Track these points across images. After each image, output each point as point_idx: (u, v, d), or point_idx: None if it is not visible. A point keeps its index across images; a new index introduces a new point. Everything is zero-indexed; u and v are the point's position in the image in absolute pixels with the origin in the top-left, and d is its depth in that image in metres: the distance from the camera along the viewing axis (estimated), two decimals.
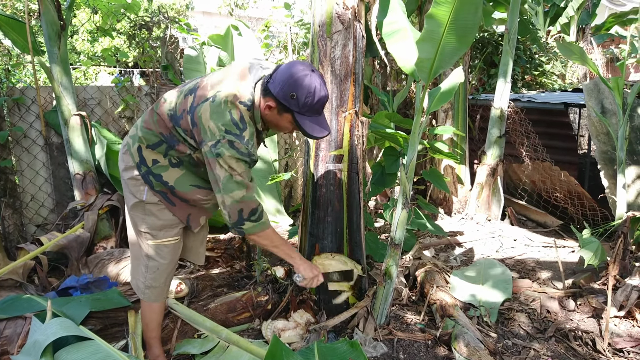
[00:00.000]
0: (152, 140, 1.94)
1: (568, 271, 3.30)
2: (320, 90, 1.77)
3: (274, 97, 1.77)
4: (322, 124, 1.86)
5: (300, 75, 1.74)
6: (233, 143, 1.76)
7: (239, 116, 1.78)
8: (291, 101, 1.76)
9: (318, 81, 1.77)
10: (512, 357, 2.32)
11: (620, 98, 3.39)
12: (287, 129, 1.91)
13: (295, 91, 1.74)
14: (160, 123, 1.93)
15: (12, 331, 2.10)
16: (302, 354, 1.89)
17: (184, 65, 4.44)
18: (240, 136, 1.78)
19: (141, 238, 2.04)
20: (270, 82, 1.78)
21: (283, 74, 1.77)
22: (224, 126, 1.76)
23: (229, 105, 1.78)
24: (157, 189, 1.96)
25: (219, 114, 1.77)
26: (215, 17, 16.80)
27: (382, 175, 3.25)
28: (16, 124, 3.70)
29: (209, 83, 1.87)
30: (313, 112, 1.80)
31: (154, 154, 1.95)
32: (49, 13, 3.47)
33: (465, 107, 5.02)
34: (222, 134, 1.76)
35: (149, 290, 2.07)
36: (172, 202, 2.00)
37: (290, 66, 1.78)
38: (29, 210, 3.82)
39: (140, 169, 1.96)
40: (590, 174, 4.79)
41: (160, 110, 1.93)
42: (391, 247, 2.43)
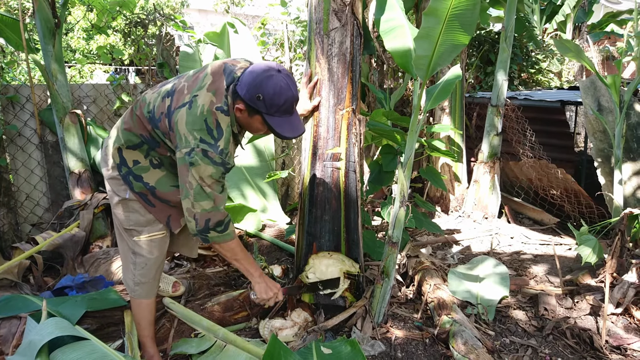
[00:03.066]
0: (132, 141, 1.93)
1: (565, 269, 3.30)
2: (287, 90, 1.75)
3: (242, 99, 1.77)
4: (294, 123, 1.85)
5: (265, 76, 1.73)
6: (207, 152, 1.74)
7: (215, 124, 1.77)
8: (258, 102, 1.75)
9: (284, 81, 1.75)
10: (509, 355, 2.32)
11: (617, 96, 3.40)
12: (260, 130, 1.89)
13: (261, 92, 1.73)
14: (139, 124, 1.91)
15: (7, 331, 2.09)
16: (301, 354, 1.88)
17: (179, 62, 4.41)
18: (214, 145, 1.76)
19: (127, 235, 2.04)
20: (238, 84, 1.77)
21: (248, 75, 1.76)
22: (198, 134, 1.74)
23: (205, 113, 1.76)
24: (137, 190, 1.96)
25: (195, 122, 1.76)
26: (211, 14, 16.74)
27: (379, 174, 3.24)
28: (10, 122, 3.67)
29: (185, 85, 1.85)
30: (282, 112, 1.79)
31: (134, 155, 1.95)
32: (43, 10, 3.44)
33: (462, 105, 5.01)
34: (196, 143, 1.74)
35: (138, 287, 2.08)
36: (152, 204, 1.99)
37: (255, 68, 1.77)
38: (23, 209, 3.79)
39: (121, 169, 1.96)
40: (587, 171, 4.80)
41: (139, 112, 1.92)
42: (389, 246, 2.42)
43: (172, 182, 1.98)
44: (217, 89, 1.80)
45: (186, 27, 5.10)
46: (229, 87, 1.81)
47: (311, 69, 2.52)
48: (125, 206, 1.99)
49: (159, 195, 1.98)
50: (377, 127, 3.07)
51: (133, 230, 2.01)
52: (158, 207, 2.00)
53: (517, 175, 4.85)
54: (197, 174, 1.76)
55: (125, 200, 1.98)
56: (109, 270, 3.03)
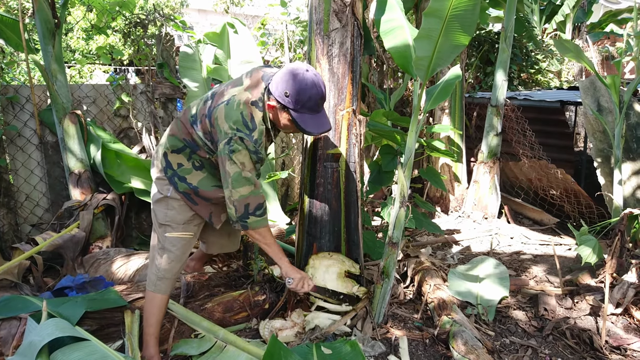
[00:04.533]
0: (176, 145, 2.10)
1: (565, 269, 3.30)
2: (312, 88, 1.88)
3: (273, 96, 1.92)
4: (320, 121, 1.96)
5: (294, 74, 1.87)
6: (243, 140, 1.89)
7: (250, 117, 1.93)
8: (286, 99, 1.89)
9: (310, 79, 1.88)
10: (509, 355, 2.32)
11: (617, 96, 3.40)
12: (289, 127, 2.02)
13: (288, 89, 1.87)
14: (182, 129, 2.09)
15: (6, 332, 2.08)
16: (301, 354, 1.88)
17: (179, 63, 4.41)
18: (249, 135, 1.91)
19: (161, 230, 2.17)
20: (271, 82, 1.93)
21: (280, 74, 1.90)
22: (235, 124, 1.90)
23: (241, 107, 1.93)
24: (181, 190, 2.11)
25: (232, 115, 1.92)
26: (210, 14, 16.74)
27: (379, 174, 3.24)
28: (10, 123, 3.66)
29: (225, 89, 2.04)
30: (308, 109, 1.91)
31: (178, 158, 2.11)
32: (43, 11, 3.44)
33: (462, 105, 5.01)
34: (233, 132, 1.90)
35: (160, 281, 2.18)
36: (195, 202, 2.14)
37: (288, 66, 1.91)
38: (23, 209, 3.79)
39: (167, 172, 2.12)
40: (587, 171, 4.80)
41: (183, 118, 2.11)
42: (389, 246, 2.42)
43: (213, 183, 2.14)
44: (253, 89, 1.98)
45: (186, 28, 5.10)
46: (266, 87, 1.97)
47: None
48: (166, 203, 2.14)
49: (201, 194, 2.13)
50: (377, 127, 3.07)
51: (167, 225, 2.15)
52: (201, 205, 2.16)
53: (517, 176, 4.86)
54: (237, 160, 1.90)
55: (166, 197, 2.13)
56: (109, 270, 3.02)
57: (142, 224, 4.03)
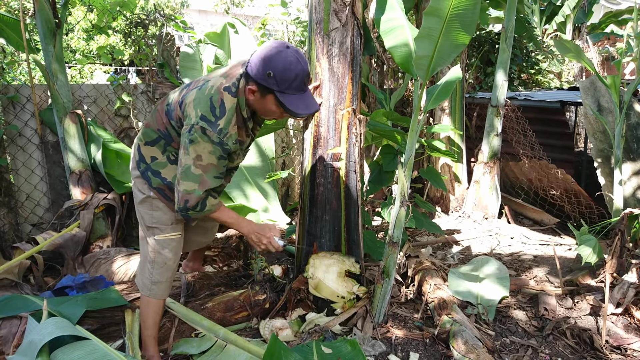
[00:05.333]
0: (150, 136, 1.99)
1: (565, 269, 3.30)
2: (297, 64, 1.75)
3: (253, 79, 1.77)
4: (308, 101, 1.83)
5: (274, 52, 1.73)
6: (205, 130, 1.76)
7: (219, 102, 1.80)
8: (269, 80, 1.74)
9: (293, 56, 1.74)
10: (510, 355, 2.32)
11: (617, 96, 3.40)
12: (274, 113, 1.88)
13: (271, 69, 1.72)
14: (158, 119, 1.97)
15: (7, 331, 2.08)
16: (301, 353, 1.88)
17: (180, 63, 4.42)
18: (213, 123, 1.77)
19: (149, 233, 2.07)
20: (248, 65, 1.78)
21: (258, 54, 1.76)
22: (200, 111, 1.78)
23: (212, 92, 1.80)
24: (155, 185, 2.00)
25: (200, 99, 1.80)
26: (211, 15, 16.75)
27: (379, 174, 3.24)
28: (11, 123, 3.67)
29: (203, 76, 1.95)
30: (294, 89, 1.78)
31: (152, 151, 1.99)
32: (44, 11, 3.44)
33: (463, 105, 5.02)
34: (196, 120, 1.77)
35: (155, 286, 2.11)
36: (170, 198, 2.02)
37: (264, 46, 1.78)
38: (24, 209, 3.79)
39: (140, 166, 2.01)
40: (587, 172, 4.80)
41: (160, 107, 1.99)
42: (389, 246, 2.42)
43: None
44: (229, 75, 1.87)
45: (186, 28, 5.11)
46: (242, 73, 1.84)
47: (312, 69, 2.52)
48: (150, 204, 2.03)
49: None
50: (377, 127, 3.07)
51: (155, 228, 2.05)
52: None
53: (517, 176, 4.86)
54: (194, 152, 1.77)
55: (149, 197, 2.02)
56: (110, 270, 3.03)
57: None
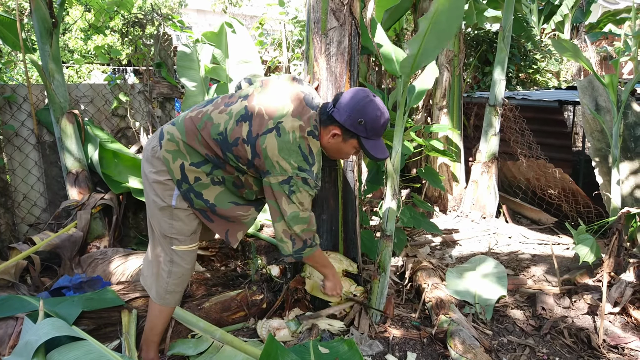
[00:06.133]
0: (195, 158, 1.92)
1: (563, 268, 3.30)
2: (385, 114, 1.87)
3: (339, 125, 1.85)
4: (382, 144, 1.94)
5: (366, 102, 1.84)
6: (307, 180, 1.83)
7: (309, 150, 1.85)
8: (359, 127, 1.84)
9: (382, 106, 1.87)
10: (507, 354, 2.32)
11: (615, 95, 3.40)
12: (348, 155, 2.00)
13: (363, 117, 1.82)
14: (204, 144, 1.90)
15: (3, 332, 2.08)
16: (298, 353, 1.88)
17: (177, 62, 4.41)
18: (310, 171, 1.84)
19: (166, 243, 2.02)
20: (336, 111, 1.85)
21: (348, 102, 1.84)
22: (295, 163, 1.81)
23: (298, 140, 1.81)
24: (197, 207, 1.97)
25: (289, 149, 1.80)
26: (209, 14, 16.73)
27: (377, 173, 3.24)
28: (8, 122, 3.66)
29: (263, 109, 1.84)
30: (377, 135, 1.89)
31: (197, 172, 1.93)
32: (40, 10, 3.43)
33: (460, 105, 5.02)
34: (294, 172, 1.81)
35: (169, 295, 2.09)
36: (211, 219, 2.02)
37: (353, 94, 1.86)
38: (21, 209, 3.78)
39: (181, 186, 1.93)
40: (585, 171, 4.81)
41: (205, 132, 1.88)
42: (383, 239, 2.42)
43: (229, 199, 2.01)
44: (301, 114, 1.85)
45: (184, 27, 5.09)
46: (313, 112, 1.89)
47: (310, 69, 2.52)
48: (170, 213, 1.97)
49: (218, 213, 2.00)
50: None
51: (174, 239, 2.00)
52: (217, 222, 2.04)
53: (515, 175, 4.86)
54: (297, 201, 1.85)
55: (169, 207, 1.95)
56: (107, 270, 3.02)
57: (140, 223, 4.03)
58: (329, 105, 1.90)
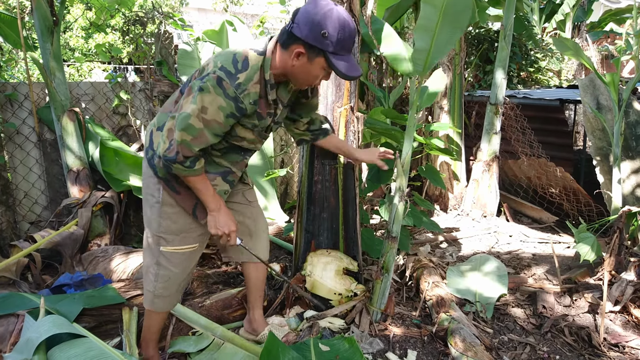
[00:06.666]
0: (162, 120, 1.82)
1: (564, 267, 3.30)
2: (351, 23, 1.63)
3: (302, 41, 1.62)
4: (353, 62, 1.70)
5: (326, 10, 1.60)
6: (221, 81, 1.61)
7: (243, 58, 1.65)
8: (323, 40, 1.60)
9: (345, 13, 1.62)
10: (508, 353, 2.32)
11: (616, 94, 3.40)
12: (317, 78, 1.75)
13: (326, 28, 1.58)
14: (171, 100, 1.85)
15: (4, 329, 2.08)
16: (299, 351, 1.88)
17: (178, 60, 4.41)
18: (233, 76, 1.63)
19: (154, 242, 1.92)
20: (294, 26, 1.63)
21: (307, 14, 1.61)
22: (221, 62, 1.63)
23: (238, 50, 1.68)
24: (161, 175, 1.83)
25: (224, 53, 1.67)
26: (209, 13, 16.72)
27: (377, 172, 3.23)
28: (8, 120, 3.66)
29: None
30: (345, 50, 1.65)
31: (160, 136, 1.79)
32: (41, 8, 3.43)
33: (461, 103, 5.01)
34: (214, 69, 1.62)
35: (158, 299, 1.98)
36: (177, 191, 1.85)
37: (309, 6, 1.63)
38: (22, 207, 3.78)
39: (148, 152, 1.85)
40: (586, 170, 4.80)
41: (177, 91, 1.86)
42: (388, 241, 2.41)
43: None
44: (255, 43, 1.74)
45: (185, 26, 5.09)
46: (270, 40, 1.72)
47: None
48: (159, 210, 1.86)
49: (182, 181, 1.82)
50: (376, 125, 3.07)
51: (161, 238, 1.89)
52: (183, 195, 1.85)
53: (516, 174, 4.85)
54: (200, 102, 1.61)
55: (158, 204, 1.86)
56: (108, 268, 3.02)
57: (141, 221, 4.03)
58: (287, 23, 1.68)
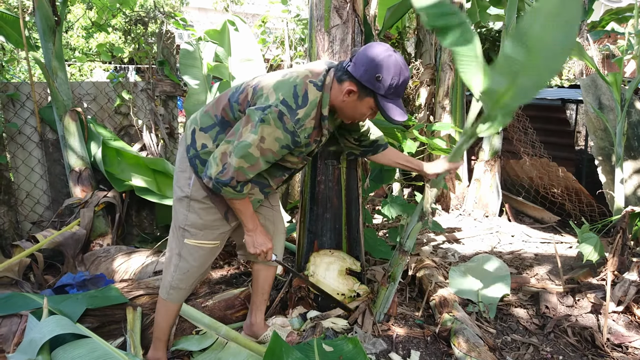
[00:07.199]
0: (206, 122, 1.90)
1: (566, 267, 3.30)
2: (405, 71, 1.71)
3: (356, 80, 1.71)
4: (402, 107, 1.78)
5: (385, 56, 1.68)
6: (282, 116, 1.68)
7: (303, 92, 1.72)
8: (376, 84, 1.69)
9: (402, 61, 1.71)
10: (511, 353, 2.31)
11: (618, 94, 3.39)
12: (363, 116, 1.84)
13: (381, 72, 1.67)
14: (218, 104, 1.90)
15: (7, 329, 2.08)
16: (302, 351, 1.88)
17: (180, 60, 4.40)
18: (293, 111, 1.70)
19: (179, 235, 1.98)
20: (351, 65, 1.72)
21: (365, 56, 1.70)
22: (282, 95, 1.70)
23: (298, 81, 1.74)
24: (200, 173, 1.90)
25: (283, 85, 1.73)
26: (210, 13, 16.71)
27: (380, 172, 3.23)
28: (11, 120, 3.66)
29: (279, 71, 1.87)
30: (395, 95, 1.74)
31: (204, 138, 1.89)
32: (43, 8, 3.43)
33: (463, 103, 5.01)
34: (276, 102, 1.69)
35: (173, 290, 2.03)
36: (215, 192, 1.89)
37: (371, 48, 1.71)
38: (24, 207, 3.78)
39: (189, 151, 1.91)
40: (588, 170, 4.80)
41: (224, 94, 1.91)
42: (400, 253, 2.40)
43: None
44: (313, 70, 1.80)
45: (186, 25, 5.09)
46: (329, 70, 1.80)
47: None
48: (187, 204, 1.93)
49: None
50: (378, 124, 3.06)
51: (186, 231, 1.95)
52: (219, 197, 1.92)
53: (518, 174, 4.85)
54: (261, 133, 1.68)
55: (187, 198, 1.92)
56: (110, 268, 3.02)
57: (143, 221, 4.03)
58: (345, 61, 1.79)
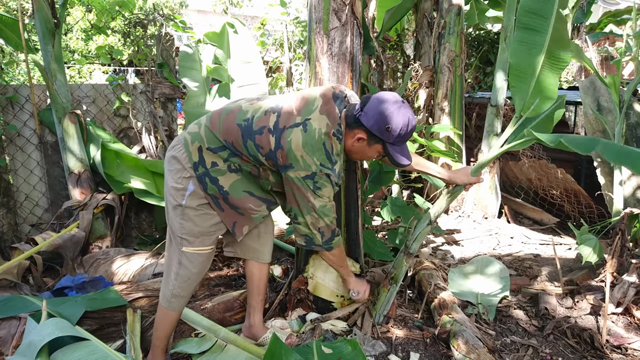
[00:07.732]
0: (213, 142, 1.92)
1: (565, 268, 3.30)
2: (413, 121, 1.85)
3: (366, 129, 1.84)
4: (407, 151, 1.94)
5: (394, 108, 1.81)
6: (330, 176, 1.85)
7: (331, 149, 1.85)
8: (386, 133, 1.82)
9: (410, 112, 1.84)
10: (510, 355, 2.31)
11: (617, 96, 3.40)
12: (371, 158, 2.05)
13: (390, 124, 1.80)
14: (226, 130, 1.90)
15: (6, 332, 2.08)
16: (302, 353, 1.88)
17: (179, 63, 4.41)
18: (332, 170, 1.86)
19: (177, 244, 2.01)
20: (363, 115, 1.84)
21: (375, 107, 1.82)
22: (319, 160, 1.82)
23: (323, 137, 1.82)
24: (210, 192, 1.94)
25: (313, 146, 1.81)
26: (209, 15, 16.73)
27: (379, 174, 3.23)
28: (10, 123, 3.66)
29: (293, 106, 1.88)
30: (402, 141, 1.88)
31: (214, 157, 1.92)
32: (42, 10, 3.43)
33: (462, 105, 5.01)
34: (318, 168, 1.82)
35: (175, 299, 2.05)
36: (222, 208, 1.99)
37: (381, 99, 1.83)
38: (23, 209, 3.78)
39: (198, 169, 1.93)
40: (587, 171, 4.80)
41: (230, 117, 1.91)
42: (404, 255, 2.40)
43: (245, 187, 1.99)
44: (329, 113, 1.86)
45: (186, 28, 5.10)
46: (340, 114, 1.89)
47: (311, 69, 2.52)
48: (182, 213, 1.96)
49: (230, 202, 1.97)
50: None
51: (184, 239, 1.98)
52: (226, 212, 2.00)
53: (517, 175, 4.86)
54: (325, 196, 1.89)
55: (180, 206, 1.95)
56: (109, 270, 3.02)
57: (142, 224, 4.03)
58: (356, 108, 1.87)
